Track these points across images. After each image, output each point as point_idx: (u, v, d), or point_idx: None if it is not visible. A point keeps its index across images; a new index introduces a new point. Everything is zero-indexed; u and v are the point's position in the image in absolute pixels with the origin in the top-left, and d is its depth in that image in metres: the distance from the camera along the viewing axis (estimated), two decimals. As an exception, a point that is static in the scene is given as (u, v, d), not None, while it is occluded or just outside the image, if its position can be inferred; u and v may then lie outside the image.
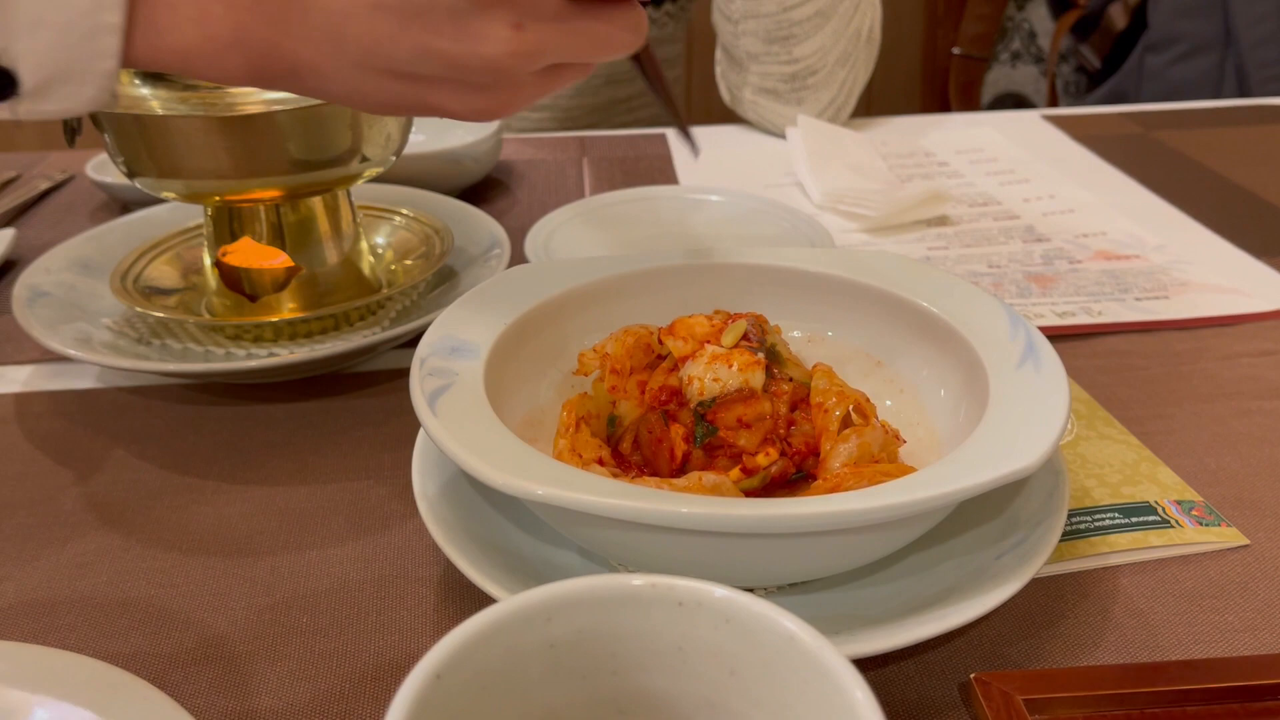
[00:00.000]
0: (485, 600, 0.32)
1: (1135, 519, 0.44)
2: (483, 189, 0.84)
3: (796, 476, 0.41)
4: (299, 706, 0.37)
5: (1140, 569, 0.42)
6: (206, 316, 0.59)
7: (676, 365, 0.44)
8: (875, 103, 1.96)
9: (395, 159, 0.58)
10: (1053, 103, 1.79)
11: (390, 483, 0.49)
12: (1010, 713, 0.34)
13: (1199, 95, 1.48)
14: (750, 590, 0.37)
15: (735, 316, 0.45)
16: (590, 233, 0.70)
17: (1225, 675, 0.36)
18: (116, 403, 0.56)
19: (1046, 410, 0.37)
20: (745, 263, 0.50)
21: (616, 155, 0.93)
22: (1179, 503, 0.45)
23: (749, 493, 0.40)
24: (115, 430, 0.53)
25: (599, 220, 0.72)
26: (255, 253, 0.57)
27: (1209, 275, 0.67)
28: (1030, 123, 1.00)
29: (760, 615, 0.25)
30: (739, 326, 0.44)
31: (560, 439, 0.42)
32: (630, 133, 0.99)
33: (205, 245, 0.59)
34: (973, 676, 0.35)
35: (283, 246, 0.57)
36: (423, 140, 0.84)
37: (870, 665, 0.38)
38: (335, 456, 0.51)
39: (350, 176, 0.56)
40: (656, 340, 0.45)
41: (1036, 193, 0.82)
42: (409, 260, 0.65)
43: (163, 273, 0.63)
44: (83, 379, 0.58)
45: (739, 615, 0.26)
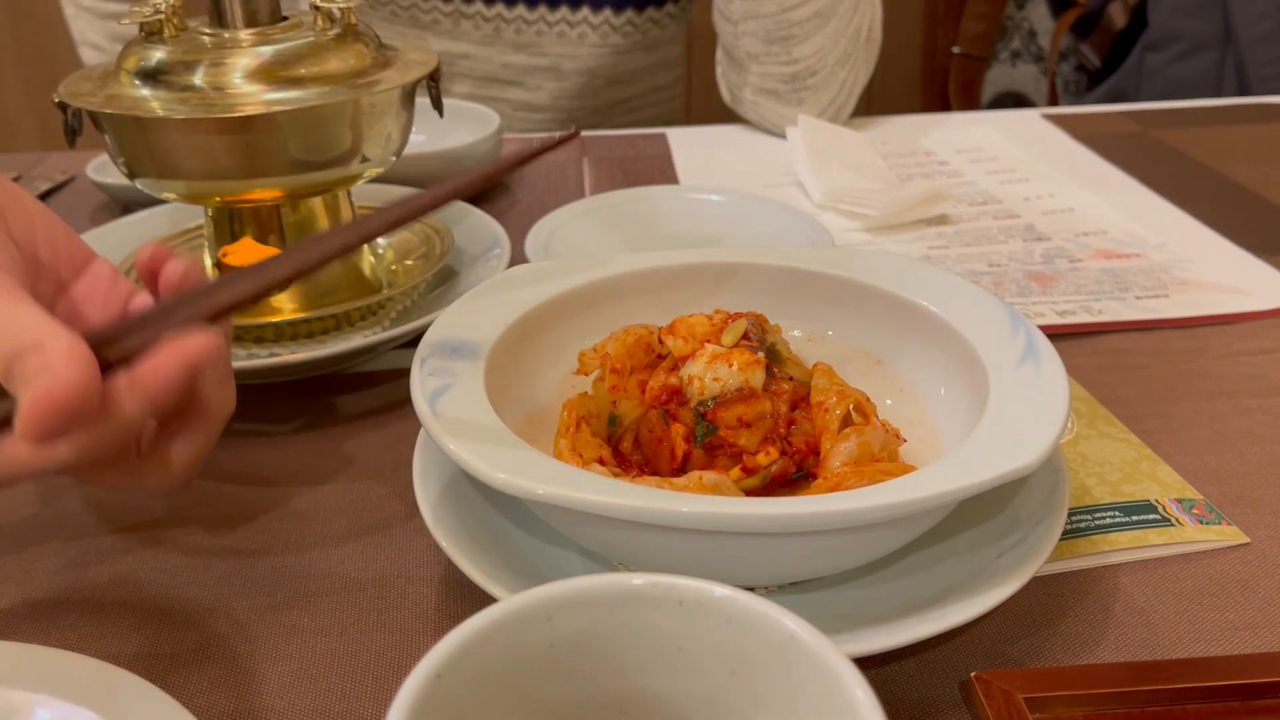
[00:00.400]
0: (486, 600, 0.32)
1: (1135, 517, 0.44)
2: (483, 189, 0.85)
3: (797, 475, 0.41)
4: (300, 706, 0.37)
5: (1140, 567, 0.42)
6: (207, 317, 0.59)
7: (677, 365, 0.44)
8: (875, 102, 1.96)
9: (395, 159, 0.58)
10: (1053, 101, 1.79)
11: (391, 482, 0.49)
12: (1011, 711, 0.34)
13: (1199, 94, 1.48)
14: (751, 589, 0.38)
15: (735, 316, 0.45)
16: (590, 232, 0.70)
17: (1225, 673, 0.36)
18: (117, 403, 0.56)
19: (1046, 409, 0.37)
20: (745, 262, 0.50)
21: (616, 155, 0.93)
22: (1179, 501, 0.45)
23: (749, 492, 0.40)
24: (116, 431, 0.53)
25: (599, 220, 0.72)
26: (256, 253, 0.57)
27: (1209, 274, 0.67)
28: (1030, 122, 1.00)
29: (761, 614, 0.26)
30: (739, 326, 0.44)
31: (561, 439, 0.42)
32: (630, 132, 0.99)
33: (206, 246, 0.59)
34: (973, 675, 0.36)
35: (283, 247, 0.58)
36: (423, 141, 0.84)
37: (871, 664, 0.38)
38: (336, 456, 0.51)
39: (350, 177, 0.56)
40: (657, 340, 0.45)
41: (1036, 192, 0.83)
42: (409, 260, 0.65)
43: (163, 273, 0.63)
44: (84, 380, 0.58)
45: (740, 614, 0.26)
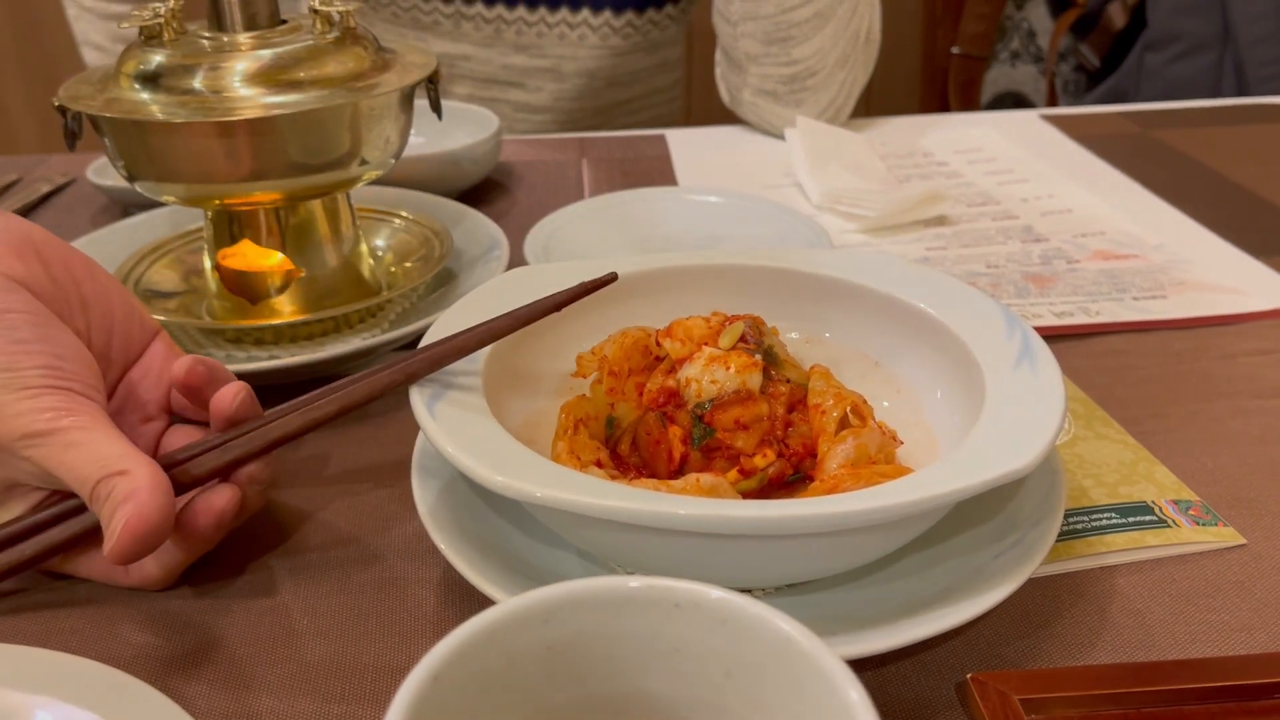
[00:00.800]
0: (484, 602, 0.32)
1: (1132, 519, 0.44)
2: (482, 190, 0.85)
3: (794, 478, 0.42)
4: (299, 708, 0.37)
5: (1137, 569, 0.42)
6: (207, 319, 0.59)
7: (674, 367, 0.44)
8: (875, 102, 1.96)
9: (394, 162, 0.59)
10: (1052, 101, 1.79)
11: (389, 485, 0.49)
12: (1007, 713, 0.34)
13: (1198, 93, 1.48)
14: (747, 591, 0.38)
15: (733, 318, 0.45)
16: (589, 234, 0.70)
17: (1221, 674, 0.36)
18: (117, 406, 0.56)
19: (1042, 411, 0.37)
20: (743, 264, 0.50)
21: (615, 156, 0.93)
22: (1176, 502, 0.45)
23: (746, 494, 0.40)
24: (116, 433, 0.53)
25: (598, 222, 0.72)
26: (255, 256, 0.58)
27: (1207, 275, 0.67)
28: (1029, 122, 1.00)
29: (756, 617, 0.26)
30: (736, 328, 0.44)
31: (558, 441, 0.42)
32: (629, 134, 0.99)
33: (205, 248, 0.59)
34: (969, 676, 0.36)
35: (283, 249, 0.58)
36: (422, 143, 0.84)
37: (867, 665, 0.38)
38: (335, 458, 0.51)
39: (350, 179, 0.56)
40: (654, 342, 0.45)
41: (1035, 192, 0.83)
42: (409, 263, 0.65)
43: (163, 276, 0.63)
44: (84, 382, 0.58)
45: (735, 617, 0.26)
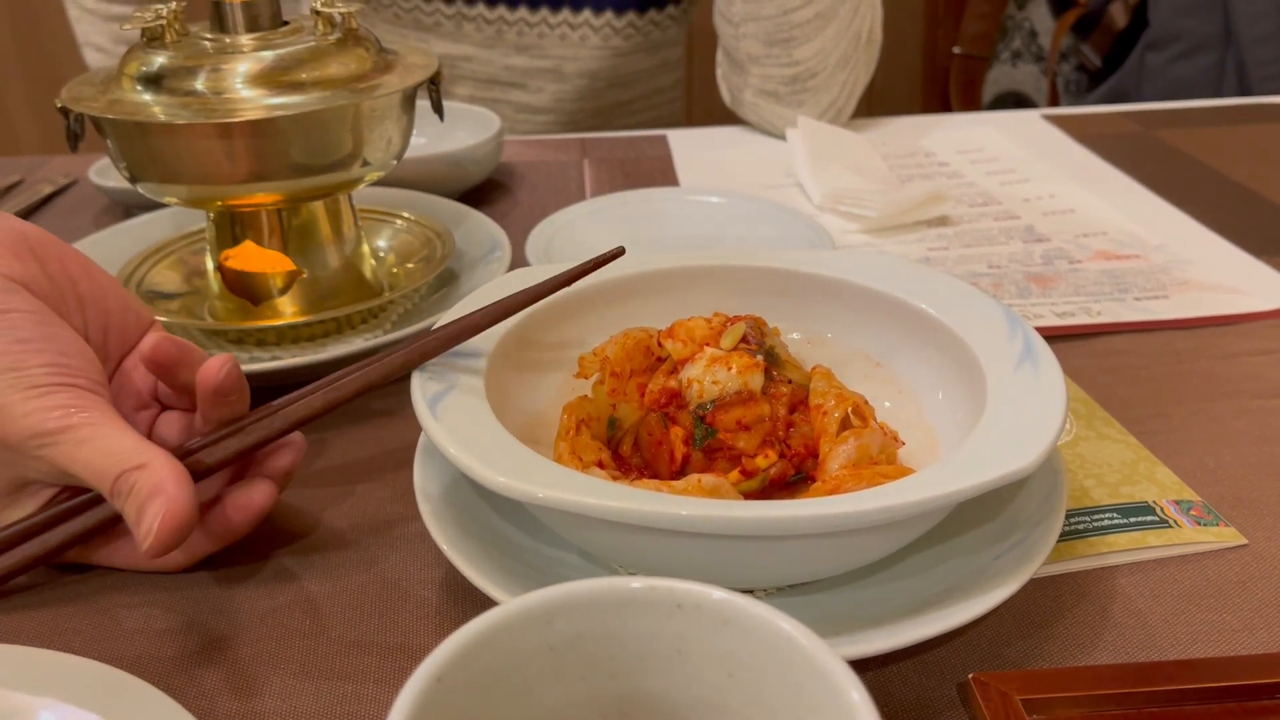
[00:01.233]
0: (486, 603, 0.32)
1: (1134, 519, 0.44)
2: (484, 191, 0.85)
3: (795, 478, 0.42)
4: (302, 709, 0.37)
5: (1138, 569, 0.42)
6: (209, 321, 0.59)
7: (676, 368, 0.44)
8: (876, 102, 1.95)
9: (396, 163, 0.59)
10: (1054, 101, 1.79)
11: (392, 486, 0.49)
12: (1008, 713, 0.34)
13: (1199, 93, 1.48)
14: (749, 592, 0.38)
15: (734, 319, 0.45)
16: (591, 235, 0.70)
17: (1223, 675, 0.36)
18: (120, 407, 0.56)
19: (1044, 411, 0.37)
20: (744, 265, 0.50)
21: (617, 157, 0.93)
22: (1177, 502, 0.45)
23: (748, 495, 0.40)
24: (119, 434, 0.54)
25: (600, 222, 0.72)
26: (257, 257, 0.58)
27: (1209, 274, 0.67)
28: (1030, 122, 1.00)
29: (758, 617, 0.26)
30: (738, 329, 0.44)
31: (560, 442, 0.42)
32: (631, 134, 0.99)
33: (208, 249, 0.59)
34: (971, 677, 0.36)
35: (285, 250, 0.58)
36: (424, 143, 0.84)
37: (869, 666, 0.38)
38: (337, 459, 0.51)
39: (352, 180, 0.56)
40: (656, 343, 0.46)
41: (1037, 192, 0.83)
42: (410, 263, 0.65)
43: (165, 277, 0.63)
44: (86, 383, 0.58)
45: (737, 617, 0.26)
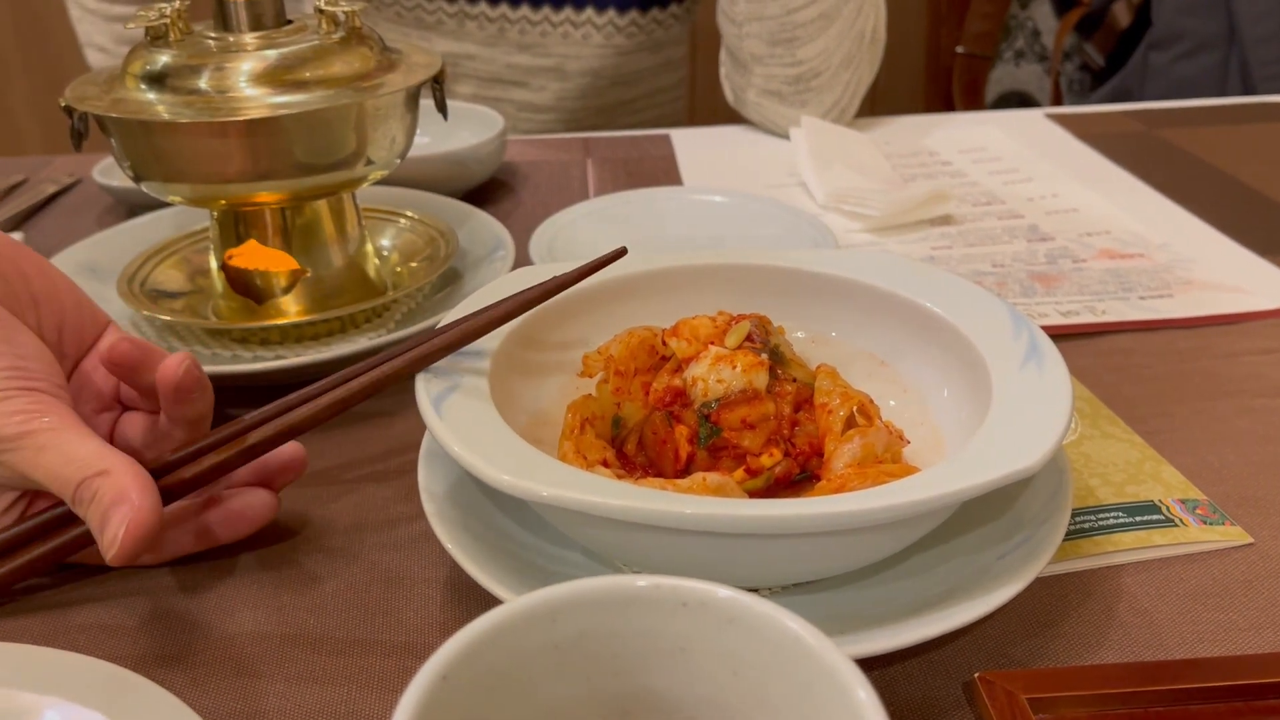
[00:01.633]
0: (491, 601, 0.32)
1: (1139, 518, 0.44)
2: (487, 190, 0.85)
3: (800, 477, 0.42)
4: (306, 708, 0.37)
5: (1144, 568, 0.42)
6: (213, 320, 0.59)
7: (680, 366, 0.44)
8: (879, 102, 1.95)
9: (400, 162, 0.59)
10: (1057, 101, 1.79)
11: (396, 485, 0.49)
12: (1014, 712, 0.34)
13: (1203, 92, 1.47)
14: (754, 591, 0.38)
15: (739, 317, 0.45)
16: (594, 234, 0.70)
17: (1229, 674, 0.36)
18: (124, 406, 0.56)
19: (1049, 410, 0.37)
20: (749, 263, 0.50)
21: (620, 156, 0.93)
22: (1183, 501, 0.45)
23: (753, 493, 0.40)
24: (123, 433, 0.54)
25: (603, 221, 0.72)
26: (261, 256, 0.58)
27: (1213, 273, 0.67)
28: (1034, 121, 1.00)
29: (764, 616, 0.26)
30: (743, 327, 0.44)
31: (565, 441, 0.42)
32: (634, 133, 0.99)
33: (211, 249, 0.59)
34: (977, 676, 0.36)
35: (288, 250, 0.58)
36: (427, 143, 0.84)
37: (874, 665, 0.38)
38: (342, 458, 0.51)
39: (355, 179, 0.56)
40: (660, 341, 0.45)
41: (1040, 191, 0.83)
42: (414, 263, 0.65)
43: (169, 276, 0.63)
44: (90, 382, 0.58)
45: (743, 616, 0.26)
